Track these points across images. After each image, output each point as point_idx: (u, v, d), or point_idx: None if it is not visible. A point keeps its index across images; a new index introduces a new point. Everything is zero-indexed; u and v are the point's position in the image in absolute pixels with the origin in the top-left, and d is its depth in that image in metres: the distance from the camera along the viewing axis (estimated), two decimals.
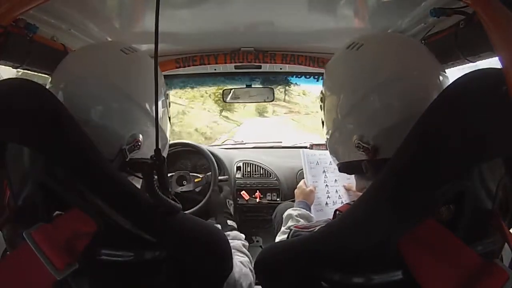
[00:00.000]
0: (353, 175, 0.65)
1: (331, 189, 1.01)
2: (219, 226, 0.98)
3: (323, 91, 0.64)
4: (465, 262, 0.39)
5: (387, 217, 0.42)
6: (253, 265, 0.74)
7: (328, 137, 0.63)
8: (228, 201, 1.11)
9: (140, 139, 0.59)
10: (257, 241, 1.36)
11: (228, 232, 0.92)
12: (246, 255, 0.83)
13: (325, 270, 0.46)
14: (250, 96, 1.51)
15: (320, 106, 0.66)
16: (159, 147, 0.64)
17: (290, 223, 0.84)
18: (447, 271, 0.39)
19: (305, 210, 0.90)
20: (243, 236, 0.92)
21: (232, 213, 1.07)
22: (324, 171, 1.04)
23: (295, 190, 1.03)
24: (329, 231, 0.47)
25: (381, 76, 0.51)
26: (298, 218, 0.85)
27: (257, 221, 1.32)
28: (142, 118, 0.59)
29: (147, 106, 0.59)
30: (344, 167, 0.62)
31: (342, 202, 0.98)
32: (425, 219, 0.41)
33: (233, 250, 0.81)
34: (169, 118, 0.72)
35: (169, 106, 0.71)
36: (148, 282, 0.50)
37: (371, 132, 0.53)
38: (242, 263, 0.74)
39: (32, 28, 0.67)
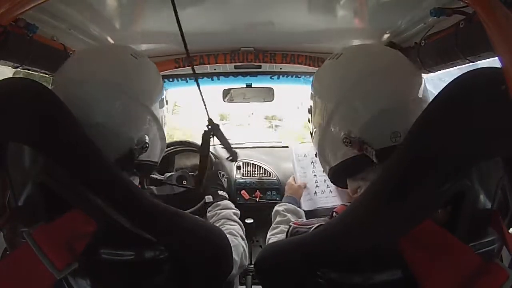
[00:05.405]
0: None
1: (320, 178, 1.05)
2: (210, 197, 1.03)
3: (311, 104, 0.65)
4: (464, 262, 0.39)
5: (387, 218, 0.42)
6: (244, 236, 0.80)
7: (318, 146, 0.64)
8: (220, 173, 1.16)
9: (147, 141, 0.61)
10: (257, 241, 1.36)
11: (219, 202, 0.97)
12: (237, 223, 0.87)
13: (325, 270, 0.46)
14: (249, 96, 1.51)
15: (309, 119, 0.68)
16: (160, 150, 0.67)
17: (278, 219, 0.87)
18: (447, 270, 0.39)
19: (291, 204, 0.91)
20: (233, 205, 0.96)
21: (225, 185, 1.13)
22: (312, 162, 1.08)
23: (285, 187, 1.06)
24: (329, 231, 0.48)
25: (355, 75, 0.55)
26: (285, 213, 0.87)
27: (257, 220, 1.32)
28: (150, 121, 0.62)
29: (153, 109, 0.62)
30: (337, 173, 0.62)
31: (330, 191, 1.02)
32: (425, 219, 0.41)
33: (223, 220, 0.87)
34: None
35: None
36: (149, 282, 0.50)
37: (355, 127, 0.55)
38: (232, 233, 0.76)
39: (32, 28, 0.68)
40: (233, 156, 0.74)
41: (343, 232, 0.46)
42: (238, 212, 0.95)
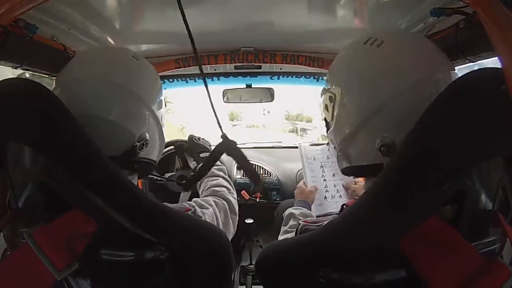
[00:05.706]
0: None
1: (329, 183, 1.03)
2: (194, 163, 1.08)
3: (334, 90, 0.58)
4: (468, 260, 0.40)
5: (389, 217, 0.42)
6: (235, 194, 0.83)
7: (340, 139, 0.58)
8: (194, 138, 1.12)
9: (148, 138, 0.62)
10: (257, 241, 1.36)
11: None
12: (220, 176, 0.88)
13: (327, 269, 0.46)
14: (249, 97, 1.51)
15: (326, 105, 0.60)
16: (158, 149, 0.69)
17: (292, 222, 0.84)
18: (450, 267, 0.40)
19: (306, 209, 0.90)
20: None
21: (206, 145, 1.10)
22: (321, 166, 1.05)
23: (295, 190, 1.04)
24: (331, 231, 0.47)
25: (408, 78, 0.49)
26: (300, 217, 0.84)
27: (257, 221, 1.32)
28: (149, 119, 0.63)
29: (153, 108, 0.64)
30: (355, 170, 0.59)
31: (340, 196, 1.00)
32: (427, 217, 0.41)
33: (206, 179, 0.90)
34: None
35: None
36: (149, 282, 0.50)
37: (399, 135, 0.48)
38: (215, 191, 0.78)
39: (32, 28, 0.67)
40: (256, 183, 0.59)
41: (345, 231, 0.46)
42: (224, 167, 0.95)
